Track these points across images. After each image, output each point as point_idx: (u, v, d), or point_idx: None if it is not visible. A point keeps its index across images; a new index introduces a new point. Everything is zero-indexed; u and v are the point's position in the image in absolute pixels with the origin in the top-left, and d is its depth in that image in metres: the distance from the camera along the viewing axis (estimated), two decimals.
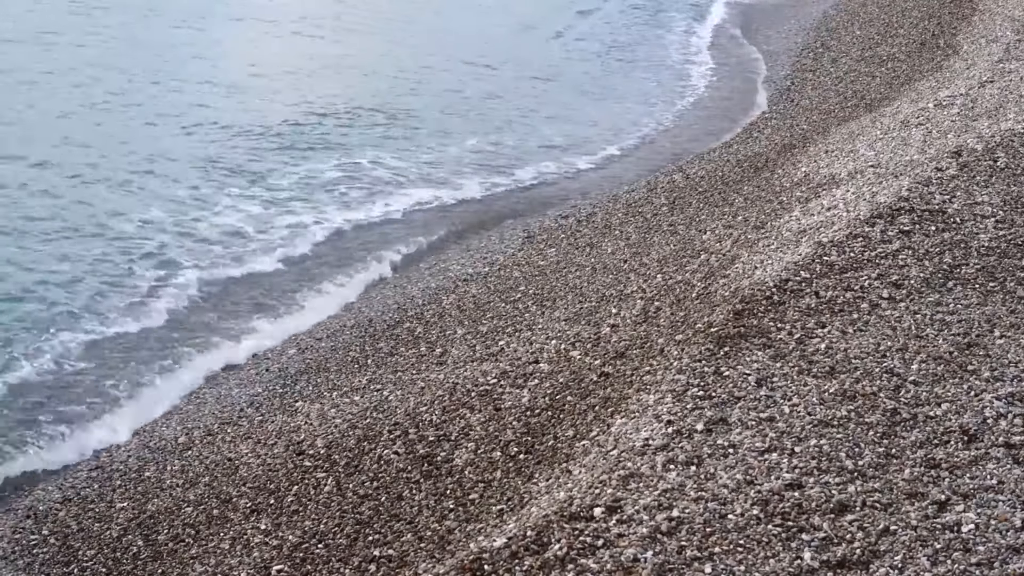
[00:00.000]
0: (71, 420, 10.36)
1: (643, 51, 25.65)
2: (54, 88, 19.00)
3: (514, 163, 17.82)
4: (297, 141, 17.73)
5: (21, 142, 16.47)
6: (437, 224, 15.31)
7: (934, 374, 7.73)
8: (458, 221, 15.52)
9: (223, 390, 11.11)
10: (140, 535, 8.75)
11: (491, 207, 16.14)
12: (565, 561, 5.93)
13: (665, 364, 8.31)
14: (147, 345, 11.74)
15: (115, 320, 12.05)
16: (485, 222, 15.46)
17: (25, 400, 10.59)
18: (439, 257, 14.33)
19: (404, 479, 8.47)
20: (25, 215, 14.24)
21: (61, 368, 11.09)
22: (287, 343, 12.07)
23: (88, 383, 10.97)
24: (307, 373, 11.12)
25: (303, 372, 11.17)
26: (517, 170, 17.55)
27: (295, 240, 14.29)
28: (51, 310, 12.05)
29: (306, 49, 23.40)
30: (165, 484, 9.41)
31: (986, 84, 15.69)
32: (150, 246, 13.74)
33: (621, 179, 17.15)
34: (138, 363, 11.30)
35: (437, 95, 20.95)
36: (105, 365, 11.30)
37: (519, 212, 15.84)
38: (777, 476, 6.54)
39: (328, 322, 12.52)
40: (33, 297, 12.28)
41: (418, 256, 14.36)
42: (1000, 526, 6.12)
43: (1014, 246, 9.80)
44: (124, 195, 15.15)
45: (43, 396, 10.67)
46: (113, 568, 8.44)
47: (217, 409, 10.63)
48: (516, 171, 17.51)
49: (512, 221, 15.42)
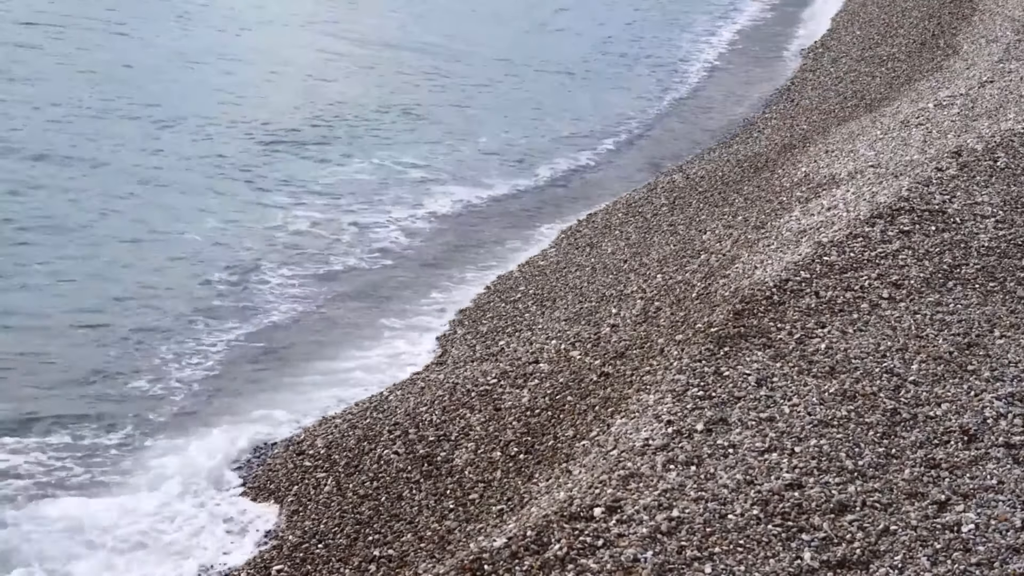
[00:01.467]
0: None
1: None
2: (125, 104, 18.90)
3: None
4: (311, 140, 17.78)
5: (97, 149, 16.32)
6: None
7: (934, 374, 7.73)
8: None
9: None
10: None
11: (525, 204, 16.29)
12: (565, 561, 5.93)
13: (665, 364, 8.31)
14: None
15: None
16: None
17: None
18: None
19: (404, 479, 8.47)
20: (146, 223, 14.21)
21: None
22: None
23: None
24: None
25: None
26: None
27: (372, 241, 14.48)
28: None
29: (314, 47, 23.41)
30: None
31: (986, 84, 15.70)
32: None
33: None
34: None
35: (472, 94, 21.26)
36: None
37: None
38: (777, 476, 6.54)
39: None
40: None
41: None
42: (1000, 526, 6.12)
43: (1014, 246, 9.80)
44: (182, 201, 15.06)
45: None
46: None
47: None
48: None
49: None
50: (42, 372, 10.64)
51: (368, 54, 23.39)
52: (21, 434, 9.65)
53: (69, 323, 11.54)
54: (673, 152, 18.73)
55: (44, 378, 10.55)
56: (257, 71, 21.56)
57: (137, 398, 10.40)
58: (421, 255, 14.19)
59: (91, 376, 10.64)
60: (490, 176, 17.16)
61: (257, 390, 10.71)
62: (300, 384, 10.80)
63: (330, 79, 21.46)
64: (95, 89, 18.71)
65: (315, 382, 10.88)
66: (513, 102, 21.12)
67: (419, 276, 13.52)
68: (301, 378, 10.93)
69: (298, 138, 17.88)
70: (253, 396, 10.58)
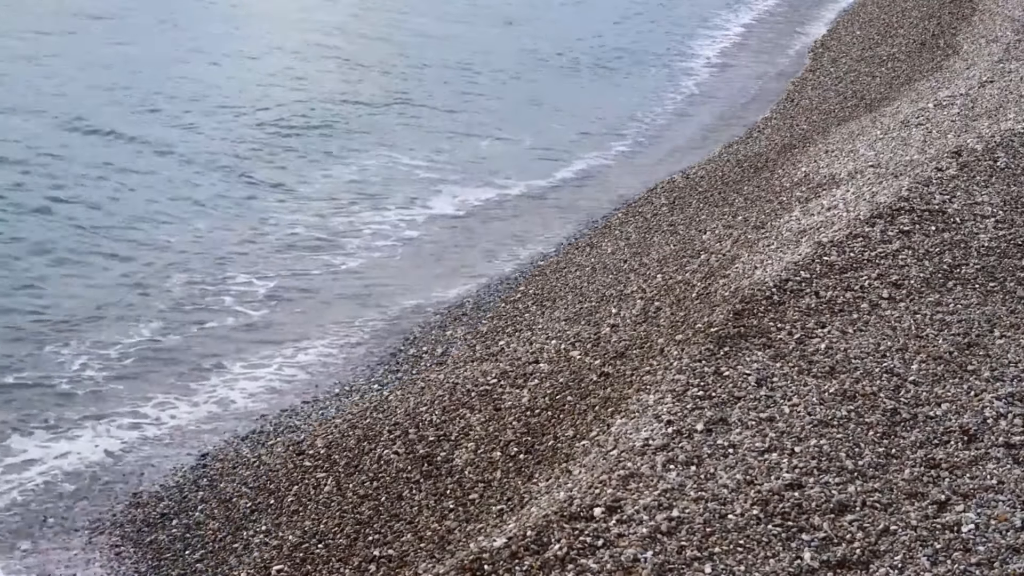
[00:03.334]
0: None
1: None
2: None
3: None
4: (309, 137, 17.81)
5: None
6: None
7: (934, 374, 7.73)
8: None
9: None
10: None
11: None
12: (565, 561, 5.93)
13: (665, 364, 8.31)
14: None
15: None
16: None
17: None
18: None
19: (404, 479, 8.47)
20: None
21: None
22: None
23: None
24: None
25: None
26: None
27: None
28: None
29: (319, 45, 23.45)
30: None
31: (986, 84, 15.70)
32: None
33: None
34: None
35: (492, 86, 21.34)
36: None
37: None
38: (777, 476, 6.54)
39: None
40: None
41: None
42: (1000, 526, 6.12)
43: (1014, 246, 9.80)
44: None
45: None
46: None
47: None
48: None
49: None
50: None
51: (372, 51, 23.42)
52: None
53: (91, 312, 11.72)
54: (678, 152, 18.73)
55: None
56: (256, 66, 21.59)
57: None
58: (421, 255, 14.19)
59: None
60: (492, 176, 17.17)
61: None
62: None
63: (332, 75, 21.50)
64: (88, 82, 18.81)
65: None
66: (516, 101, 21.13)
67: (419, 276, 13.53)
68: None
69: (296, 135, 17.91)
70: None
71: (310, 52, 22.93)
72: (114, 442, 9.77)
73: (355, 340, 11.90)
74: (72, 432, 9.85)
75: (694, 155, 18.07)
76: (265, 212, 14.91)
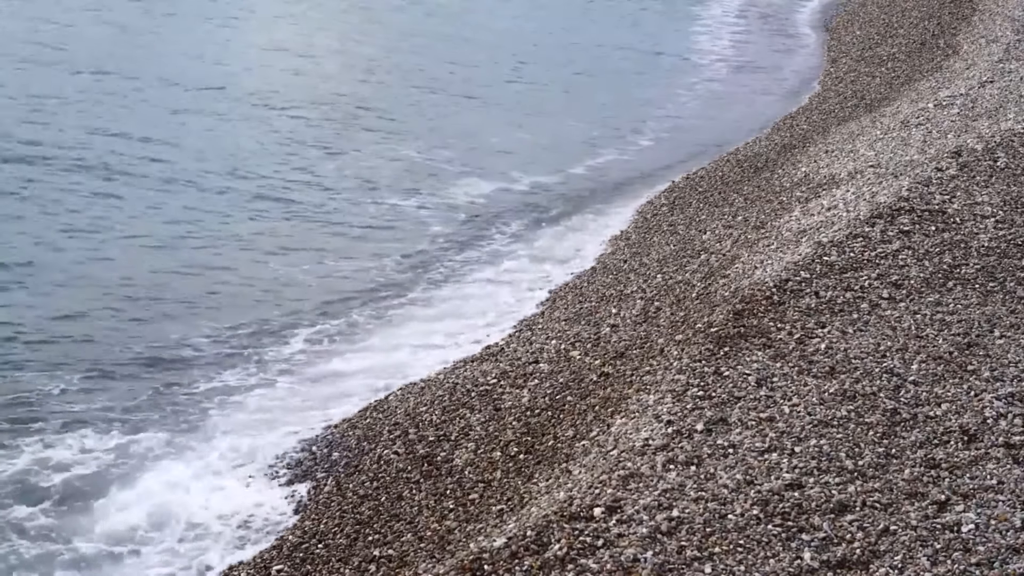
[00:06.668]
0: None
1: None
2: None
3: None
4: (324, 133, 17.88)
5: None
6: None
7: (934, 374, 7.73)
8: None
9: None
10: None
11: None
12: (565, 561, 5.93)
13: (665, 364, 8.31)
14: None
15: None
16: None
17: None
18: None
19: (404, 479, 8.47)
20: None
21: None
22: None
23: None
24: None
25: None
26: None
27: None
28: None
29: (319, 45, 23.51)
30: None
31: (986, 84, 15.70)
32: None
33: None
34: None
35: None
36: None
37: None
38: (777, 476, 6.54)
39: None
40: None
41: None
42: (1000, 526, 6.12)
43: (1014, 246, 9.80)
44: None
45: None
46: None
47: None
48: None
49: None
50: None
51: (383, 51, 23.45)
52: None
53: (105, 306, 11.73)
54: (690, 150, 18.70)
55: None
56: (273, 63, 21.68)
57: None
58: (420, 254, 14.18)
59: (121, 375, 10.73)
60: (494, 176, 17.15)
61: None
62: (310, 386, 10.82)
63: (348, 73, 21.56)
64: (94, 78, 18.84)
65: (322, 383, 10.91)
66: (523, 101, 21.15)
67: (419, 276, 13.52)
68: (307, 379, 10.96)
69: (311, 130, 17.94)
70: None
71: (320, 50, 22.99)
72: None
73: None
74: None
75: (698, 160, 18.03)
76: (274, 205, 14.94)
